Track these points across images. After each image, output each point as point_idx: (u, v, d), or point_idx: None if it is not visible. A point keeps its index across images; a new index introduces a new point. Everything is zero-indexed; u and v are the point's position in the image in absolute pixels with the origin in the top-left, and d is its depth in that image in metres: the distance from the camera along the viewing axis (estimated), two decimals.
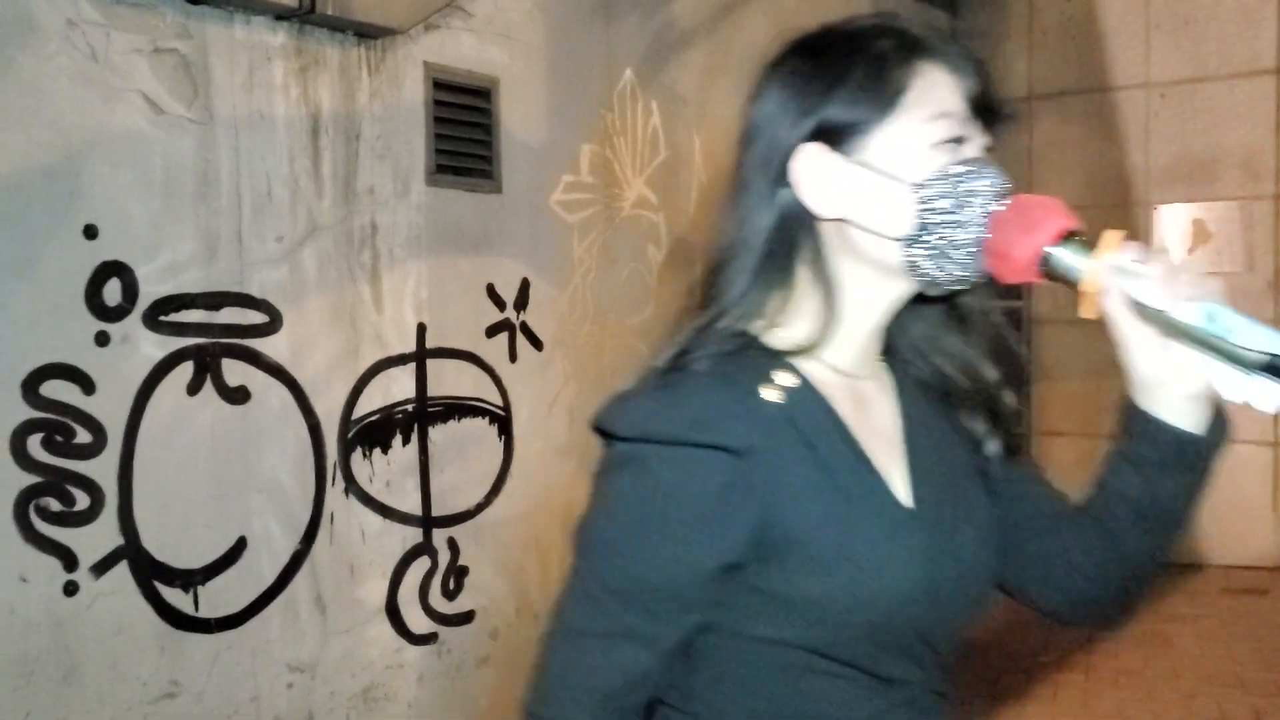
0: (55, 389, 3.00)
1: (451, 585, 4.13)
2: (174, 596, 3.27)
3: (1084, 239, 1.07)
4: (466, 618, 4.19)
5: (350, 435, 3.78)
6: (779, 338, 1.15)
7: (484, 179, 4.22)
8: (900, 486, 1.15)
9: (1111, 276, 1.04)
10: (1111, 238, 1.06)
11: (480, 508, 4.25)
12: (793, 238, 1.15)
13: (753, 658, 1.12)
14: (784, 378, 1.11)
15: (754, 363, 1.11)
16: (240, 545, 3.44)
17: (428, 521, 4.04)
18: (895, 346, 1.25)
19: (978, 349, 1.24)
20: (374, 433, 3.86)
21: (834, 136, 1.11)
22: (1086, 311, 1.07)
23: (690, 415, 1.06)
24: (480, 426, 4.26)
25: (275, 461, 3.55)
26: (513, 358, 4.38)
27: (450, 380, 4.12)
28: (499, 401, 4.32)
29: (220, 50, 3.37)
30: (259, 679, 3.47)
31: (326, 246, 3.68)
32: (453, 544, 4.13)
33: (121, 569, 3.15)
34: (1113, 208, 7.10)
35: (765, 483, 1.07)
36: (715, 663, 1.14)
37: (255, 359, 3.48)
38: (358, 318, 3.79)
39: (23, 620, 2.93)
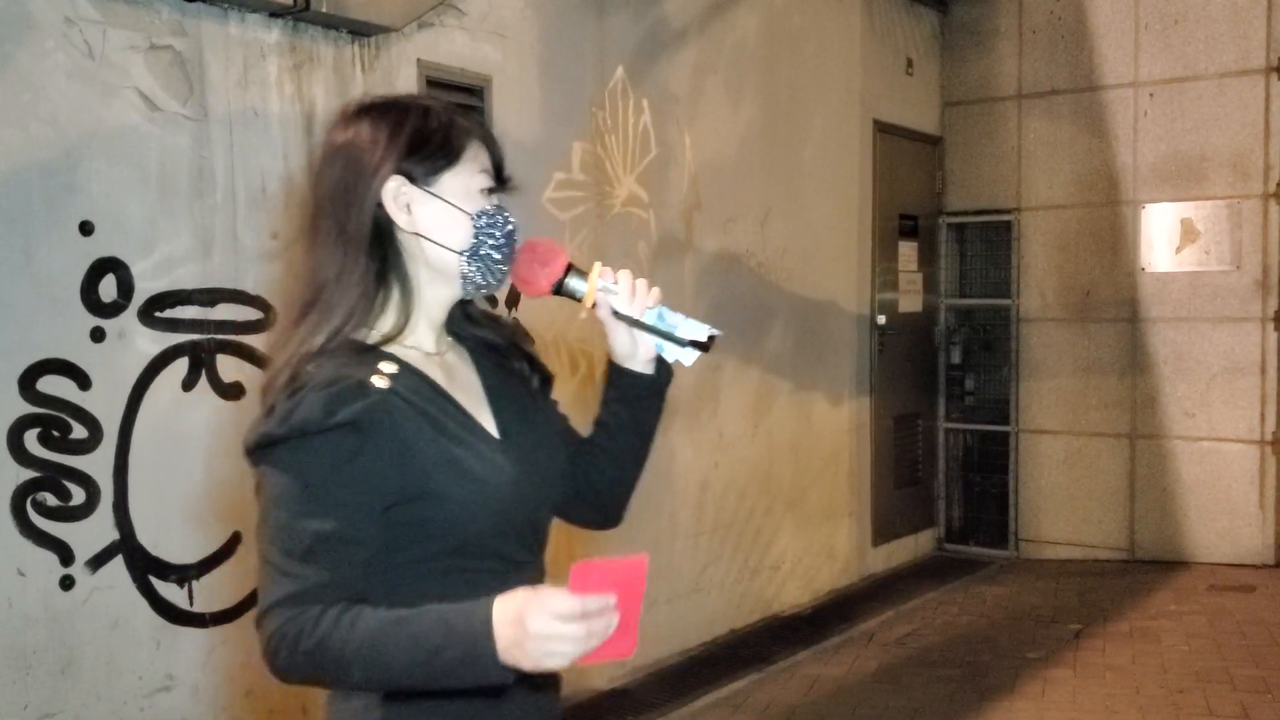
0: (51, 384, 3.02)
1: None
2: (169, 591, 3.29)
3: (579, 269, 1.62)
4: None
5: None
6: (375, 334, 1.57)
7: None
8: (490, 425, 1.62)
9: (599, 293, 1.63)
10: (596, 268, 1.63)
11: None
12: (383, 246, 1.56)
13: (411, 573, 1.50)
14: (387, 366, 1.53)
15: (362, 361, 1.52)
16: (234, 540, 3.45)
17: None
18: (454, 329, 1.70)
19: (495, 324, 1.74)
20: None
21: (414, 174, 1.56)
22: (585, 314, 1.66)
23: (319, 407, 1.43)
24: None
25: None
26: None
27: None
28: None
29: (215, 47, 3.39)
30: (253, 673, 3.49)
31: None
32: None
33: (117, 563, 3.16)
34: (1101, 206, 7.14)
35: (389, 443, 1.47)
36: (385, 584, 1.48)
37: (250, 355, 3.49)
38: None
39: (20, 614, 2.95)
